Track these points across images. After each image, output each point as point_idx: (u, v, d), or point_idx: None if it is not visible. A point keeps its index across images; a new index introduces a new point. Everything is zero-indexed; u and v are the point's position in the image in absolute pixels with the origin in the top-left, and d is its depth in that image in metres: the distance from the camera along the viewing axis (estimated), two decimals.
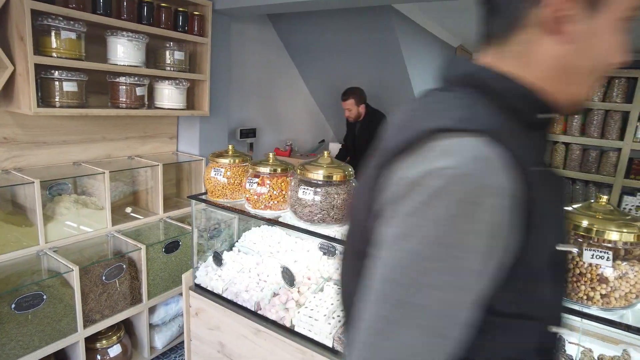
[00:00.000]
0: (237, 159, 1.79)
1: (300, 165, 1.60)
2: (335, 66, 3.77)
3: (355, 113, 3.42)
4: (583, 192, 4.58)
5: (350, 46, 3.46)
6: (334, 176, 1.51)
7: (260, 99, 3.53)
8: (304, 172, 1.53)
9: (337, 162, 1.61)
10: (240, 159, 1.80)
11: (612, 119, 4.31)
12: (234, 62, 2.97)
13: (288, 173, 1.70)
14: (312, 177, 1.51)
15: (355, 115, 3.44)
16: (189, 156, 2.69)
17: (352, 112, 3.42)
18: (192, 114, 2.49)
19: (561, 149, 4.62)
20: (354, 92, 3.40)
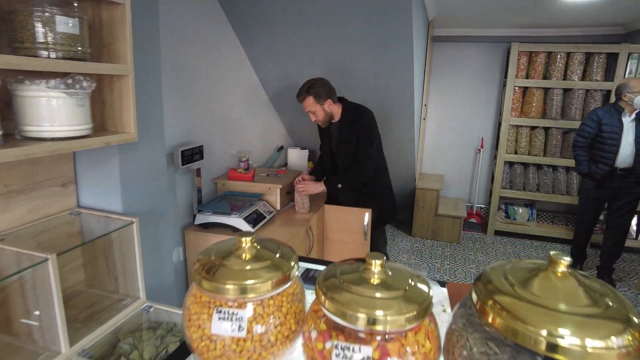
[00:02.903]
0: (284, 270, 0.70)
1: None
2: (296, 50, 2.68)
3: (322, 114, 2.37)
4: (564, 180, 4.19)
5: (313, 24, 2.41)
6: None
7: (202, 100, 2.31)
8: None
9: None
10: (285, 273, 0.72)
11: (593, 98, 3.93)
12: (162, 44, 1.72)
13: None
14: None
15: (323, 117, 2.39)
16: (102, 217, 1.44)
17: (317, 114, 2.37)
18: (106, 142, 1.27)
19: (541, 134, 4.16)
20: (311, 86, 2.32)
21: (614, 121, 3.05)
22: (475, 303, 0.63)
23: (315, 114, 2.39)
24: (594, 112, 3.15)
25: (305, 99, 2.35)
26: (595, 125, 3.10)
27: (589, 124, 3.13)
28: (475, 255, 4.00)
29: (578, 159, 3.19)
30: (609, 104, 3.15)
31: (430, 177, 4.59)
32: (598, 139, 3.11)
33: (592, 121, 3.12)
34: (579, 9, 3.24)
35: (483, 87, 4.53)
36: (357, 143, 2.39)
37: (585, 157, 3.17)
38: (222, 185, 2.40)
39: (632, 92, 2.99)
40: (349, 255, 2.49)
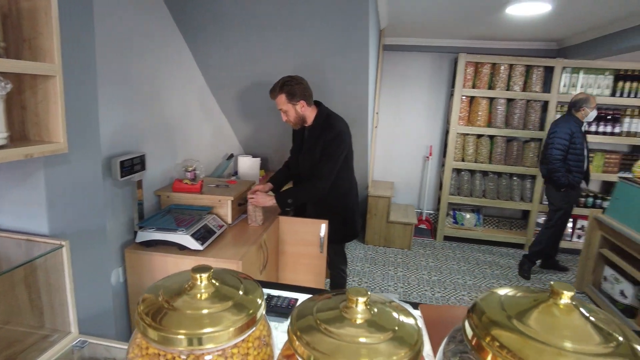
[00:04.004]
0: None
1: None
2: (248, 55, 2.56)
3: (293, 115, 2.25)
4: (509, 186, 4.38)
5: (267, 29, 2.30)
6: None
7: (144, 106, 2.11)
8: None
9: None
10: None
11: (533, 109, 4.14)
12: (98, 41, 1.53)
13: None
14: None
15: (295, 118, 2.27)
16: (24, 241, 1.23)
17: (288, 114, 2.25)
18: (27, 154, 1.08)
19: (486, 142, 4.31)
20: (286, 84, 2.20)
21: (579, 133, 3.33)
22: (470, 339, 0.56)
23: (287, 113, 2.26)
24: (567, 125, 3.35)
25: (277, 96, 2.22)
26: (569, 138, 3.32)
27: (564, 137, 3.33)
28: (427, 261, 4.05)
29: (560, 171, 3.36)
30: (569, 116, 3.39)
31: (382, 185, 4.61)
32: (570, 150, 3.34)
33: (566, 134, 3.32)
34: (520, 24, 3.40)
35: (431, 96, 4.64)
36: (320, 157, 2.28)
37: (563, 168, 3.36)
38: (166, 197, 2.21)
39: (590, 107, 3.31)
40: (305, 269, 2.40)
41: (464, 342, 0.58)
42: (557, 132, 3.35)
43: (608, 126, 4.07)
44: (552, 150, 3.35)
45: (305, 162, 2.36)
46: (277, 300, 1.11)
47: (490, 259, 4.16)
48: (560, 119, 3.47)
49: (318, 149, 2.27)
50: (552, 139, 3.38)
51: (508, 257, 4.24)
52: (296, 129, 2.37)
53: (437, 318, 0.98)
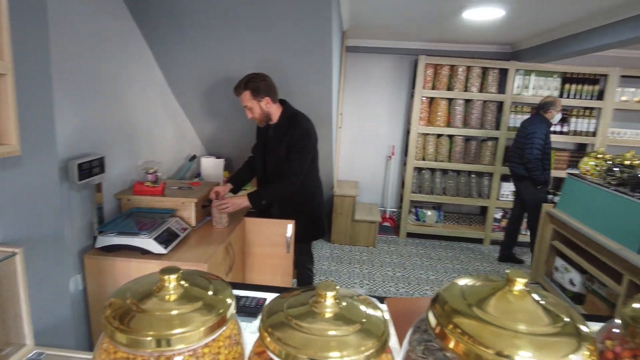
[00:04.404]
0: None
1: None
2: (211, 55, 2.52)
3: (258, 112, 2.26)
4: (467, 183, 4.55)
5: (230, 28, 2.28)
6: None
7: (103, 106, 2.03)
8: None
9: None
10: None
11: (489, 109, 4.33)
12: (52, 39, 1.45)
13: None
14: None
15: (260, 115, 2.27)
16: None
17: (253, 111, 2.26)
18: None
19: (446, 142, 4.46)
20: (250, 81, 2.21)
21: (549, 133, 3.60)
22: (434, 327, 0.59)
23: (252, 110, 2.26)
24: (542, 126, 3.58)
25: (242, 92, 2.22)
26: (544, 138, 3.55)
27: (542, 137, 3.55)
28: (391, 257, 4.14)
29: (539, 169, 3.56)
30: (539, 117, 3.61)
31: (347, 184, 4.67)
32: (544, 150, 3.57)
33: (543, 134, 3.55)
34: (476, 28, 3.55)
35: (393, 97, 4.75)
36: (286, 154, 2.29)
37: (541, 166, 3.57)
38: (127, 201, 2.14)
39: (556, 110, 3.58)
40: (272, 270, 2.40)
41: (428, 331, 0.61)
42: (537, 132, 3.56)
43: (557, 125, 4.32)
44: (532, 150, 3.54)
45: (272, 160, 2.36)
46: (246, 301, 1.11)
47: (451, 254, 4.31)
48: (534, 119, 3.67)
49: (284, 146, 2.28)
50: (531, 139, 3.57)
51: (468, 251, 4.41)
52: (261, 126, 2.37)
53: (402, 311, 1.01)
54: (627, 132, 4.43)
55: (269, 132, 2.37)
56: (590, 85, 4.26)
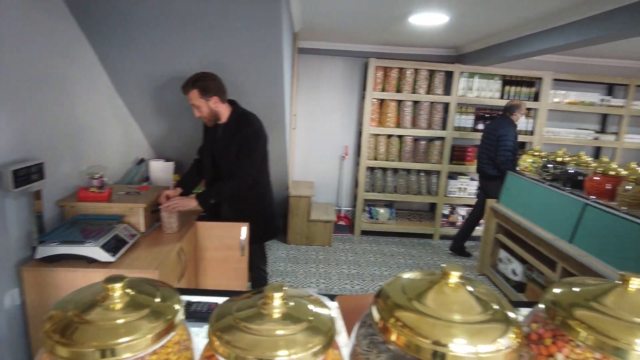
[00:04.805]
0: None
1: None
2: (159, 55, 2.45)
3: (207, 111, 2.25)
4: (417, 182, 4.72)
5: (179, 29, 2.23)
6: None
7: (42, 109, 1.91)
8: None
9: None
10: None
11: (436, 110, 4.51)
12: None
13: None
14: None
15: (208, 114, 2.26)
16: None
17: (201, 110, 2.25)
18: None
19: (396, 142, 4.61)
20: (199, 79, 2.21)
21: (516, 134, 3.85)
22: (377, 322, 0.62)
23: (199, 109, 2.25)
24: (511, 128, 3.81)
25: (190, 91, 2.21)
26: (514, 140, 3.79)
27: (512, 139, 3.78)
28: (346, 256, 4.21)
29: (511, 169, 3.72)
30: (507, 120, 3.85)
31: (302, 185, 4.70)
32: (514, 150, 3.79)
33: (513, 136, 3.78)
34: (422, 32, 3.69)
35: (345, 98, 4.83)
36: (237, 153, 2.28)
37: (511, 166, 3.76)
38: (70, 208, 2.04)
39: (520, 112, 3.84)
40: (227, 274, 2.37)
41: (373, 325, 0.64)
42: (508, 135, 3.79)
43: None
44: (504, 152, 3.74)
45: (222, 160, 2.34)
46: (197, 306, 1.10)
47: (403, 250, 4.46)
48: (502, 122, 3.88)
49: (235, 145, 2.28)
50: (503, 142, 3.78)
51: (419, 246, 4.58)
52: (209, 125, 2.35)
53: (352, 307, 1.05)
54: (560, 130, 4.78)
55: (217, 132, 2.35)
56: (527, 88, 4.55)
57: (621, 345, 0.58)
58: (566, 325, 0.64)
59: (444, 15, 3.05)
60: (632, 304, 0.63)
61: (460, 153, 4.65)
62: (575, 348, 0.63)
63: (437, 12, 2.98)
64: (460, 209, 4.82)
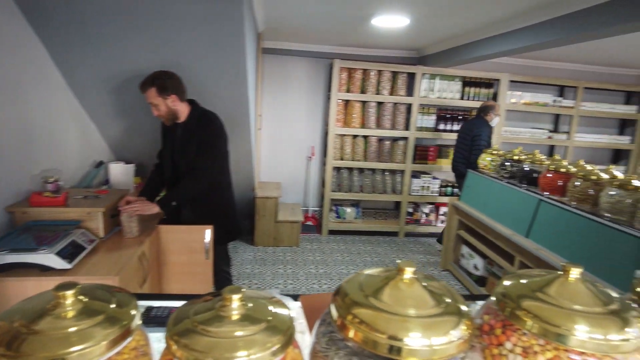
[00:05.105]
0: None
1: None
2: (118, 54, 2.37)
3: (165, 110, 2.22)
4: (382, 181, 4.80)
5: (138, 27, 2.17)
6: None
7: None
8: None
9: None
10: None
11: (399, 110, 4.61)
12: None
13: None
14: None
15: (166, 112, 2.23)
16: None
17: (160, 108, 2.21)
18: None
19: (361, 142, 4.67)
20: (157, 78, 2.18)
21: (490, 134, 3.99)
22: (335, 319, 0.64)
23: (157, 107, 2.21)
24: (486, 129, 3.93)
25: (148, 89, 2.18)
26: (488, 139, 3.92)
27: (486, 138, 3.91)
28: (314, 255, 4.23)
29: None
30: (482, 120, 3.97)
31: (269, 185, 4.68)
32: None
33: (487, 136, 3.91)
34: (385, 34, 3.76)
35: (311, 99, 4.85)
36: (197, 151, 2.26)
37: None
38: (22, 214, 1.94)
39: (494, 113, 3.97)
40: (190, 278, 2.33)
41: (332, 323, 0.66)
42: (482, 135, 3.92)
43: (460, 125, 4.73)
44: (478, 152, 3.88)
45: (182, 160, 2.31)
46: (157, 311, 1.08)
47: (370, 248, 4.52)
48: (477, 122, 4.00)
49: (194, 143, 2.25)
50: (477, 142, 3.91)
51: (385, 244, 4.66)
52: (168, 124, 2.31)
53: (315, 306, 1.06)
54: (517, 130, 5.00)
55: (176, 132, 2.32)
56: (486, 89, 4.73)
57: (562, 332, 0.62)
58: (514, 316, 0.67)
59: (405, 18, 3.12)
60: (572, 293, 0.68)
61: (423, 152, 4.77)
62: (522, 336, 0.67)
63: (398, 15, 3.04)
64: (424, 206, 4.94)
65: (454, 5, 2.73)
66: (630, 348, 0.61)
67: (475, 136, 3.95)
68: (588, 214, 2.39)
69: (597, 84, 4.99)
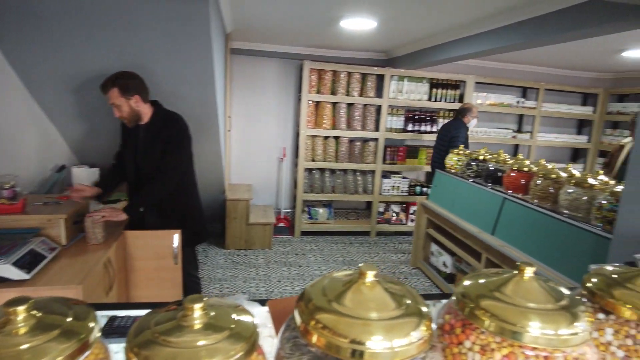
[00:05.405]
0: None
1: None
2: (73, 47, 2.29)
3: (127, 111, 2.16)
4: (353, 181, 4.84)
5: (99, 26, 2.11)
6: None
7: None
8: None
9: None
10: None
11: (369, 112, 4.66)
12: None
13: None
14: None
15: (128, 114, 2.17)
16: None
17: (122, 109, 2.15)
18: None
19: (332, 143, 4.69)
20: (119, 78, 2.13)
21: (467, 136, 4.13)
22: (299, 325, 0.64)
23: (120, 108, 2.15)
24: (463, 130, 4.06)
25: (110, 90, 2.12)
26: (465, 141, 4.04)
27: (463, 139, 4.02)
28: (287, 257, 4.22)
29: None
30: (459, 122, 4.10)
31: (240, 188, 4.63)
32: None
33: (464, 137, 4.03)
34: (353, 37, 3.79)
35: (282, 100, 4.84)
36: (163, 152, 2.21)
37: None
38: None
39: (472, 115, 4.08)
40: (159, 284, 2.28)
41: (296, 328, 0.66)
42: (459, 136, 4.06)
43: (428, 126, 4.83)
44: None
45: (147, 163, 2.26)
46: (121, 321, 1.05)
47: (342, 248, 4.56)
48: (455, 124, 4.12)
49: (159, 145, 2.21)
50: (454, 142, 4.01)
51: (357, 244, 4.70)
52: (130, 126, 2.25)
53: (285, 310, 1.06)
54: (483, 130, 5.15)
55: (138, 134, 2.26)
56: (453, 90, 4.85)
57: (517, 329, 0.65)
58: (473, 315, 0.70)
59: (373, 21, 3.16)
60: (527, 291, 0.71)
61: (393, 153, 4.85)
62: (480, 335, 0.69)
63: (366, 18, 3.08)
64: (394, 206, 5.02)
65: (420, 9, 2.79)
66: (578, 341, 0.65)
67: (453, 137, 4.08)
68: (548, 211, 2.49)
69: (557, 86, 5.21)
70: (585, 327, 0.65)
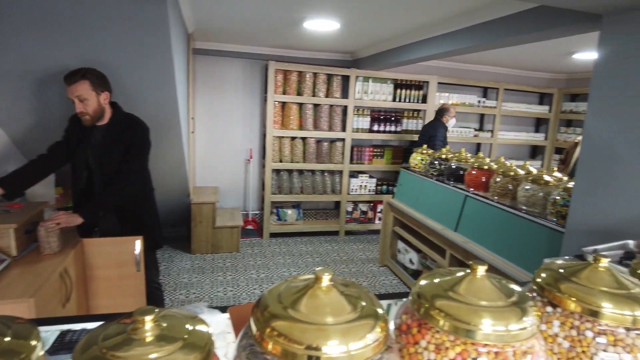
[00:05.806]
0: None
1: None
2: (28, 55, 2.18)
3: (94, 107, 2.04)
4: (321, 181, 4.86)
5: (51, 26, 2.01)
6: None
7: None
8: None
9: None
10: None
11: (335, 112, 4.69)
12: None
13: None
14: None
15: (94, 110, 2.05)
16: None
17: (89, 104, 2.01)
18: None
19: (300, 144, 4.69)
20: (90, 72, 2.01)
21: (446, 135, 4.25)
22: (254, 333, 0.63)
23: (87, 103, 2.02)
24: (442, 130, 4.20)
25: (78, 81, 1.98)
26: (443, 140, 4.14)
27: (441, 139, 4.13)
28: (255, 260, 4.18)
29: None
30: (438, 122, 4.25)
31: (205, 190, 4.55)
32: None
33: (443, 136, 4.16)
34: (318, 38, 3.80)
35: (247, 100, 4.79)
36: (125, 155, 2.13)
37: None
38: None
39: (450, 116, 4.22)
40: (121, 292, 2.21)
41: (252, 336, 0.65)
42: (438, 136, 4.18)
43: (392, 126, 4.91)
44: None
45: (103, 166, 2.17)
46: (73, 335, 1.00)
47: (312, 249, 4.56)
48: (434, 124, 4.23)
49: (121, 147, 2.13)
50: (433, 141, 4.10)
51: (326, 244, 4.72)
52: (88, 125, 2.12)
53: (245, 317, 1.05)
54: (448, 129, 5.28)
55: (94, 136, 2.16)
56: (416, 91, 4.94)
57: (470, 328, 0.67)
58: (428, 315, 0.71)
59: (335, 22, 3.18)
60: (479, 289, 0.73)
61: (360, 153, 4.89)
62: (435, 334, 0.71)
63: (329, 19, 3.09)
64: (362, 205, 5.07)
65: (380, 12, 2.83)
66: (527, 335, 0.67)
67: (432, 137, 4.21)
68: (508, 208, 2.59)
69: (516, 86, 5.41)
70: (534, 321, 0.68)
